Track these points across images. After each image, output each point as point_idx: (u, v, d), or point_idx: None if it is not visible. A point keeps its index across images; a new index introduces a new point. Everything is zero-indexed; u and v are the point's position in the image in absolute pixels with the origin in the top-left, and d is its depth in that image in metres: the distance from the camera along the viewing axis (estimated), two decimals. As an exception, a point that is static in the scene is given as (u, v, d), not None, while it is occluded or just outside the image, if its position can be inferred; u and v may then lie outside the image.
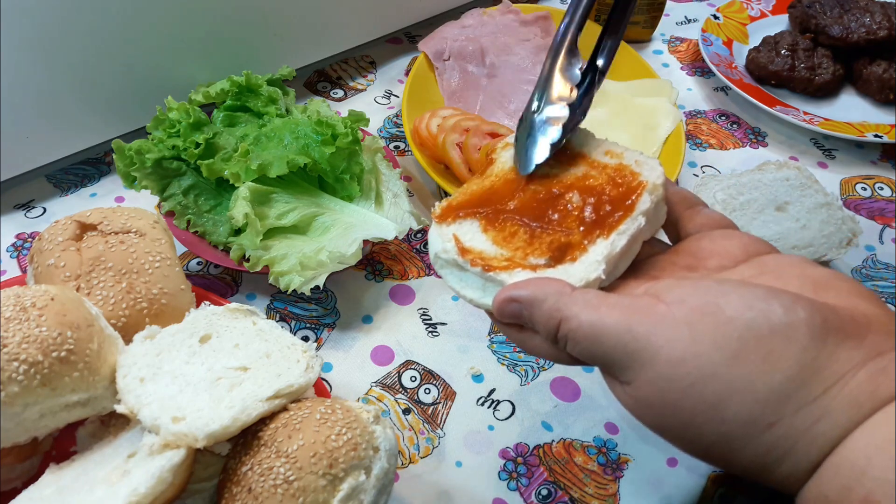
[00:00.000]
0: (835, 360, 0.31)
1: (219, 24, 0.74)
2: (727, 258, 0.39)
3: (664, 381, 0.32)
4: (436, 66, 0.87)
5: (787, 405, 0.31)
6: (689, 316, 0.33)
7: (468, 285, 0.41)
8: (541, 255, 0.39)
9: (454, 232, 0.41)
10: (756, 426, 0.31)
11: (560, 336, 0.36)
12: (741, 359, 0.31)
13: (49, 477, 0.43)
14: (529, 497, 0.55)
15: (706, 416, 0.32)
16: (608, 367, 0.35)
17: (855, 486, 0.30)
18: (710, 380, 0.31)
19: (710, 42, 0.95)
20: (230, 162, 0.64)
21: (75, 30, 0.65)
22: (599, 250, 0.38)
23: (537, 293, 0.36)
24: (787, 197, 0.71)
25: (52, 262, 0.50)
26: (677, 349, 0.32)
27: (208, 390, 0.44)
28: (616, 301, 0.35)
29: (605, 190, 0.41)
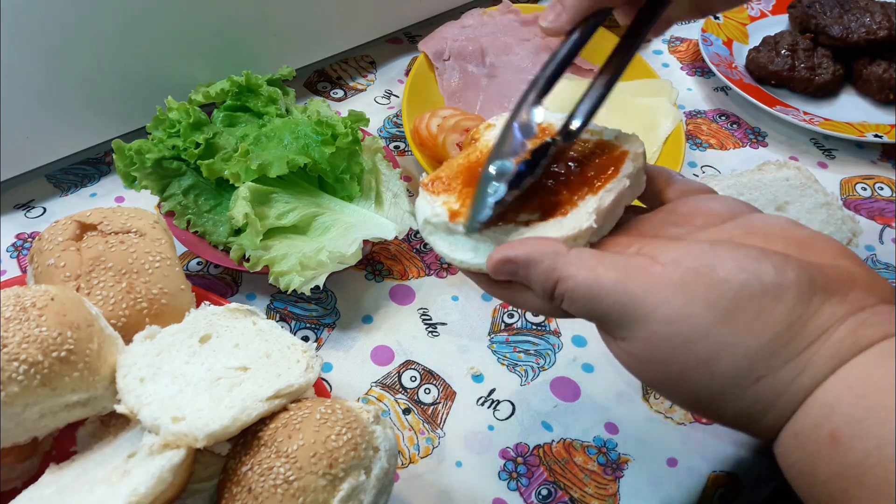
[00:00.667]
0: (819, 316, 0.33)
1: (219, 24, 0.74)
2: (713, 217, 0.40)
3: (658, 339, 0.34)
4: (436, 66, 0.87)
5: (774, 360, 0.32)
6: (683, 277, 0.34)
7: (459, 248, 0.41)
8: (532, 213, 0.40)
9: (443, 199, 0.42)
10: (744, 380, 0.33)
11: (557, 295, 0.37)
12: (732, 318, 0.33)
13: (49, 477, 0.43)
14: (529, 497, 0.55)
15: (697, 371, 0.33)
16: (604, 324, 0.36)
17: (823, 423, 0.32)
18: (702, 338, 0.33)
19: (710, 42, 0.95)
20: (230, 162, 0.64)
21: (75, 30, 0.65)
22: (589, 204, 0.40)
23: (533, 253, 0.37)
24: (787, 197, 0.71)
25: (52, 262, 0.50)
26: (672, 309, 0.33)
27: (208, 390, 0.44)
28: (612, 261, 0.36)
29: (589, 159, 0.42)
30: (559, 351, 0.64)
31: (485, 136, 0.46)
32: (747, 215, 0.39)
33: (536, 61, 0.90)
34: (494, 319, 0.66)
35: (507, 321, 0.66)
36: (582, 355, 0.64)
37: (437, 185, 0.43)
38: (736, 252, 0.34)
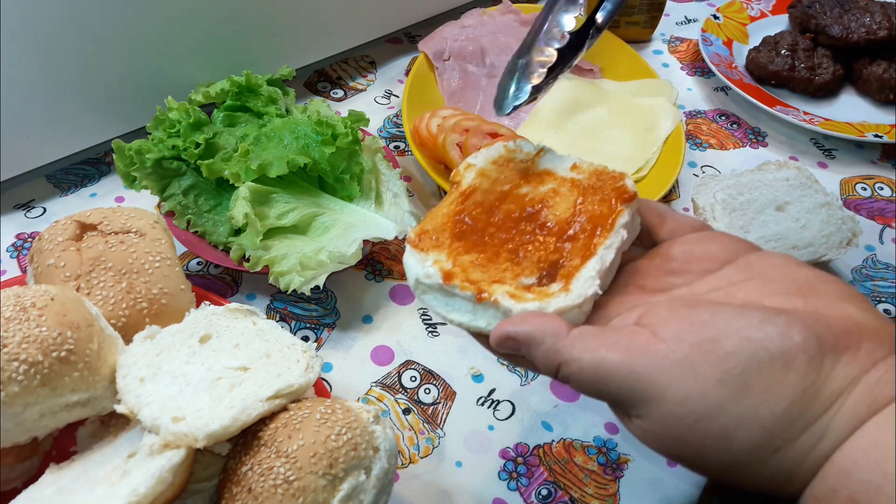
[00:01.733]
0: (833, 380, 0.32)
1: (219, 24, 0.74)
2: (710, 261, 0.39)
3: (672, 420, 0.33)
4: (436, 66, 0.87)
5: (792, 430, 0.32)
6: (689, 355, 0.33)
7: (455, 309, 0.40)
8: (531, 275, 0.39)
9: (434, 257, 0.41)
10: (763, 453, 0.32)
11: (561, 377, 0.36)
12: (744, 392, 0.32)
13: (49, 477, 0.43)
14: (529, 497, 0.55)
15: (714, 448, 0.33)
16: (615, 404, 0.36)
17: (840, 489, 0.31)
18: (716, 415, 0.32)
19: (710, 42, 0.95)
20: (230, 162, 0.64)
21: (75, 30, 0.65)
22: (591, 266, 0.39)
23: (534, 333, 0.36)
24: (787, 197, 0.71)
25: (52, 262, 0.50)
26: (682, 389, 0.33)
27: (208, 390, 0.44)
28: (614, 340, 0.35)
29: (583, 206, 0.41)
30: (559, 351, 0.64)
31: (466, 178, 0.44)
32: (745, 256, 0.39)
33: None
34: (494, 319, 0.66)
35: (507, 321, 0.66)
36: (582, 355, 0.64)
37: (425, 241, 0.41)
38: (739, 321, 0.34)
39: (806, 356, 0.32)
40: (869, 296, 0.71)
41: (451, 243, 0.41)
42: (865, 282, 0.72)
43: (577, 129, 0.83)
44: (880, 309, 0.70)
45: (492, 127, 0.74)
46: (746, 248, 0.39)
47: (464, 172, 0.45)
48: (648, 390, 0.33)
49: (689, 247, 0.40)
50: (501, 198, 0.43)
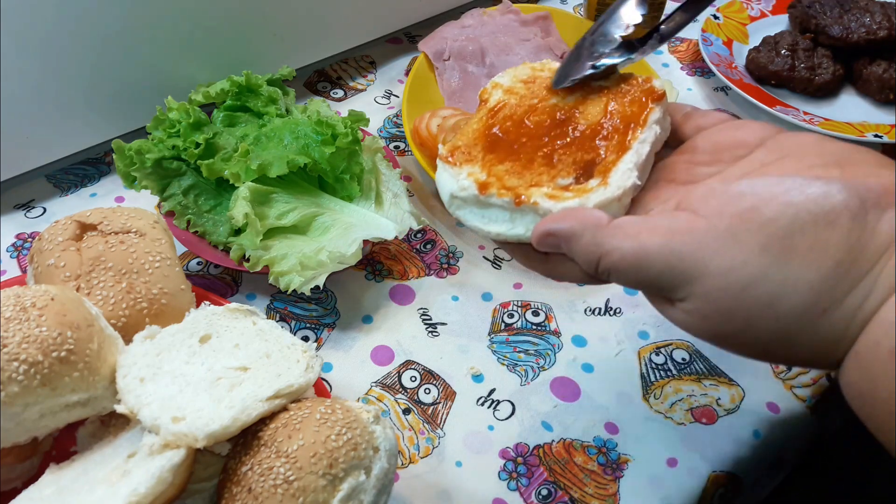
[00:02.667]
0: (877, 235, 0.32)
1: (219, 24, 0.74)
2: (740, 147, 0.39)
3: (717, 292, 0.33)
4: (436, 66, 0.87)
5: (839, 289, 0.32)
6: (730, 225, 0.33)
7: (493, 220, 0.40)
8: (567, 175, 0.39)
9: (468, 170, 0.40)
10: (811, 315, 0.32)
11: (602, 269, 0.36)
12: (789, 255, 0.32)
13: (49, 477, 0.43)
14: (529, 497, 0.55)
15: (761, 315, 0.32)
16: (657, 290, 0.36)
17: (883, 340, 0.31)
18: (761, 281, 0.32)
19: (710, 42, 0.95)
20: (230, 162, 0.64)
21: (75, 30, 0.65)
22: (628, 159, 0.38)
23: (575, 226, 0.36)
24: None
25: (52, 262, 0.50)
26: (725, 259, 0.33)
27: (208, 390, 0.44)
28: (654, 224, 0.35)
29: (613, 107, 0.41)
30: (559, 351, 0.64)
31: (494, 96, 0.45)
32: (775, 137, 0.38)
33: (536, 61, 0.90)
34: (494, 319, 0.66)
35: (507, 321, 0.66)
36: (582, 355, 0.64)
37: (457, 156, 0.41)
38: (777, 186, 0.33)
39: (849, 213, 0.32)
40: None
41: (483, 156, 0.41)
42: (865, 282, 0.72)
43: (577, 129, 0.83)
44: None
45: (492, 127, 0.74)
46: (775, 131, 0.39)
47: (491, 90, 0.45)
48: (692, 267, 0.33)
49: (717, 136, 0.40)
50: (530, 110, 0.43)
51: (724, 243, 0.33)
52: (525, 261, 0.41)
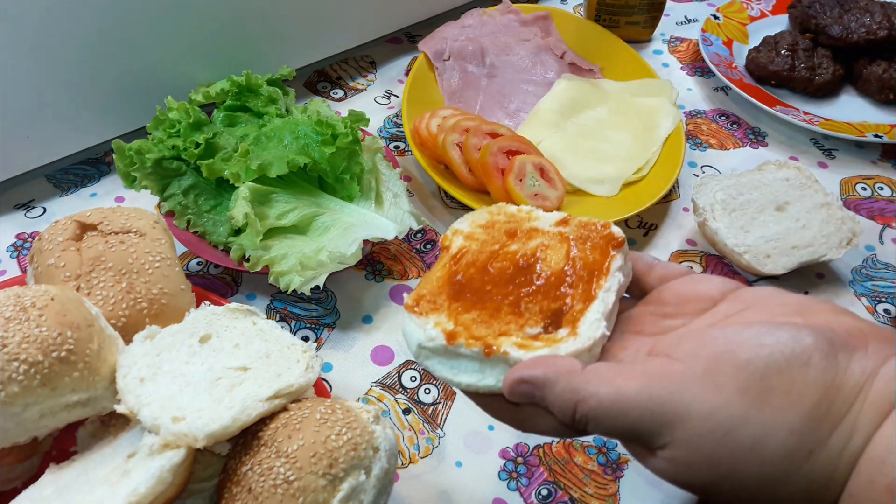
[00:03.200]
0: (851, 374, 0.32)
1: (219, 24, 0.74)
2: (703, 301, 0.39)
3: (698, 437, 0.32)
4: (436, 66, 0.87)
5: (820, 430, 0.32)
6: (707, 368, 0.33)
7: (462, 371, 0.39)
8: (535, 324, 0.39)
9: (434, 320, 0.40)
10: (796, 458, 0.32)
11: (579, 417, 0.35)
12: (767, 397, 0.32)
13: (49, 477, 0.43)
14: (529, 497, 0.55)
15: (745, 460, 0.32)
16: (636, 438, 0.35)
17: (877, 478, 0.31)
18: (742, 424, 0.32)
19: (710, 42, 0.95)
20: (230, 162, 0.64)
21: (75, 30, 0.65)
22: (595, 308, 0.38)
23: (549, 373, 0.36)
24: (787, 197, 0.71)
25: (52, 262, 0.50)
26: (705, 403, 0.32)
27: (208, 390, 0.44)
28: (630, 370, 0.35)
29: (575, 254, 0.41)
30: (559, 351, 0.64)
31: (455, 242, 0.44)
32: (736, 291, 0.39)
33: (536, 61, 0.90)
34: (494, 319, 0.66)
35: (507, 321, 0.66)
36: (582, 355, 0.64)
37: (423, 306, 0.41)
38: (748, 331, 0.34)
39: (820, 354, 0.32)
40: (869, 296, 0.71)
41: (449, 304, 0.41)
42: (865, 282, 0.72)
43: (577, 129, 0.83)
44: (880, 309, 0.70)
45: (491, 127, 0.74)
46: (736, 285, 0.39)
47: (452, 237, 0.45)
48: (671, 412, 0.33)
49: (681, 289, 0.40)
50: (492, 257, 0.42)
51: (703, 387, 0.33)
52: (495, 413, 0.40)
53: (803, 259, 0.67)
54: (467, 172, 0.73)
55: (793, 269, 0.67)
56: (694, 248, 0.75)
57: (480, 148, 0.72)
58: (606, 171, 0.78)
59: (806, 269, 0.70)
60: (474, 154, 0.72)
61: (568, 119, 0.84)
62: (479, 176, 0.72)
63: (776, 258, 0.67)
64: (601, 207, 0.74)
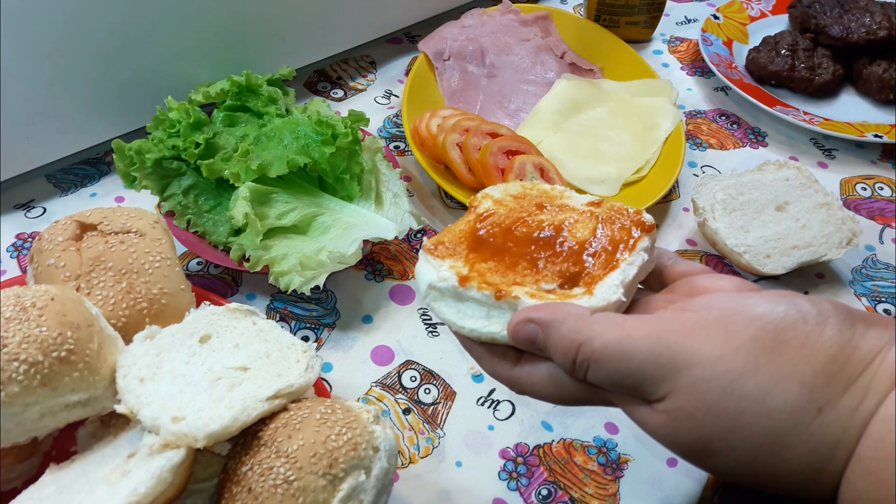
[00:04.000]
0: (868, 339, 0.31)
1: (219, 24, 0.74)
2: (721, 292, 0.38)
3: (704, 383, 0.31)
4: (436, 66, 0.87)
5: (833, 386, 0.30)
6: (719, 317, 0.32)
7: (468, 315, 0.39)
8: (551, 282, 0.38)
9: (450, 263, 0.40)
10: (805, 413, 0.30)
11: (580, 360, 0.34)
12: (780, 347, 0.31)
13: (49, 477, 0.43)
14: (529, 497, 0.55)
15: (751, 411, 0.30)
16: (636, 388, 0.33)
17: (888, 436, 0.29)
18: (751, 372, 0.31)
19: (710, 42, 0.95)
20: (230, 162, 0.64)
21: (75, 30, 0.65)
22: (615, 275, 0.38)
23: (556, 314, 0.35)
24: (787, 197, 0.71)
25: (52, 262, 0.50)
26: (714, 348, 0.31)
27: (208, 390, 0.44)
28: (639, 317, 0.34)
29: (603, 231, 0.41)
30: (559, 351, 0.64)
31: (483, 204, 0.44)
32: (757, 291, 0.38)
33: (536, 61, 0.90)
34: (494, 319, 0.66)
35: (507, 321, 0.66)
36: (582, 355, 0.64)
37: (441, 250, 0.41)
38: (766, 293, 0.33)
39: (838, 317, 0.32)
40: (869, 296, 0.71)
41: (467, 253, 0.41)
42: (865, 282, 0.72)
43: (577, 129, 0.83)
44: (880, 309, 0.70)
45: (492, 127, 0.74)
46: (756, 288, 0.38)
47: (480, 199, 0.45)
48: (678, 355, 0.31)
49: (700, 283, 0.39)
50: (518, 221, 0.42)
51: (714, 332, 0.32)
52: (491, 365, 0.39)
53: (803, 259, 0.67)
54: (467, 172, 0.73)
55: (793, 269, 0.67)
56: (694, 248, 0.75)
57: (480, 148, 0.72)
58: (606, 171, 0.78)
59: (806, 269, 0.70)
60: (474, 154, 0.72)
61: (568, 119, 0.84)
62: (479, 176, 0.72)
63: (776, 258, 0.67)
64: (601, 207, 0.74)
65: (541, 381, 0.37)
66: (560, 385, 0.36)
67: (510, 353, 0.39)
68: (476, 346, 0.40)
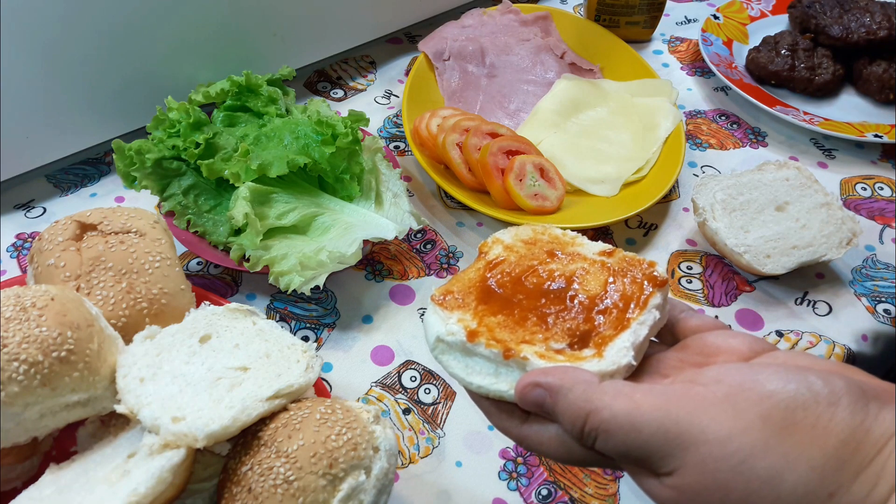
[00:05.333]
0: (881, 422, 0.31)
1: (219, 24, 0.74)
2: (734, 354, 0.38)
3: (713, 462, 0.31)
4: (436, 66, 0.87)
5: (845, 471, 0.30)
6: (729, 394, 0.32)
7: (476, 371, 0.39)
8: (561, 341, 0.38)
9: (458, 316, 0.40)
10: (816, 498, 0.30)
11: (588, 430, 0.34)
12: (790, 430, 0.30)
13: (49, 477, 0.43)
14: (529, 497, 0.55)
15: (761, 493, 0.30)
16: (644, 460, 0.33)
17: None
18: (761, 454, 0.30)
19: (710, 42, 0.95)
20: (230, 162, 0.64)
21: (75, 30, 0.65)
22: (625, 337, 0.37)
23: (564, 380, 0.35)
24: (787, 197, 0.71)
25: (52, 262, 0.50)
26: (724, 427, 0.31)
27: (208, 390, 0.44)
28: (649, 388, 0.34)
29: (614, 284, 0.40)
30: (559, 351, 0.64)
31: (494, 250, 0.44)
32: (770, 353, 0.37)
33: (536, 61, 0.90)
34: (494, 319, 0.66)
35: (507, 321, 0.66)
36: (582, 355, 0.64)
37: (449, 301, 0.40)
38: (777, 368, 0.33)
39: (850, 398, 0.31)
40: (869, 296, 0.71)
41: (476, 305, 0.40)
42: (865, 282, 0.72)
43: (577, 129, 0.83)
44: (880, 309, 0.70)
45: (491, 127, 0.74)
46: (770, 346, 0.38)
47: (491, 245, 0.44)
48: (687, 432, 0.31)
49: (713, 341, 0.39)
50: (529, 270, 0.42)
51: (723, 410, 0.31)
52: (499, 421, 0.39)
53: (803, 259, 0.67)
54: (467, 172, 0.73)
55: (793, 269, 0.67)
56: (694, 248, 0.75)
57: (480, 148, 0.72)
58: (606, 171, 0.78)
59: (806, 269, 0.70)
60: (474, 154, 0.72)
61: (568, 119, 0.84)
62: (479, 176, 0.72)
63: (776, 258, 0.67)
64: (601, 207, 0.74)
65: (549, 442, 0.37)
66: (568, 448, 0.36)
67: (518, 411, 0.39)
68: (484, 401, 0.40)
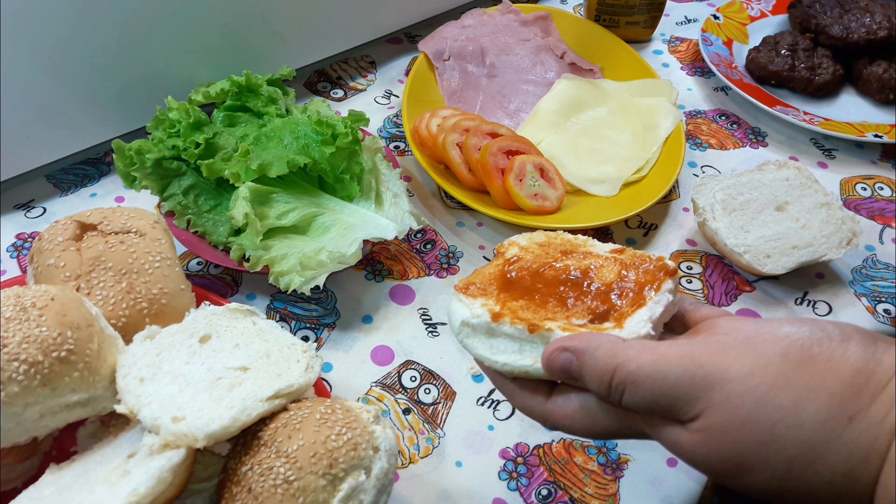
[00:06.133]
0: (890, 355, 0.33)
1: (219, 24, 0.74)
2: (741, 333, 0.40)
3: (737, 397, 0.33)
4: (436, 66, 0.87)
5: (861, 397, 0.32)
6: (747, 337, 0.34)
7: (500, 350, 0.40)
8: (581, 317, 0.40)
9: (481, 301, 0.42)
10: (836, 422, 0.32)
11: (616, 383, 0.35)
12: (808, 363, 0.33)
13: (49, 477, 0.43)
14: (529, 497, 0.55)
15: (785, 422, 0.32)
16: (670, 408, 0.35)
17: None
18: (782, 386, 0.32)
19: (710, 42, 0.95)
20: (230, 162, 0.64)
21: (76, 30, 0.65)
22: (643, 312, 0.39)
23: (591, 342, 0.36)
24: (787, 197, 0.71)
25: (52, 262, 0.50)
26: (745, 365, 0.33)
27: (208, 390, 0.44)
28: (671, 342, 0.36)
29: (628, 274, 0.42)
30: (559, 351, 0.64)
31: (511, 250, 0.46)
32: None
33: (536, 61, 0.90)
34: (494, 319, 0.66)
35: (507, 321, 0.66)
36: (582, 355, 0.64)
37: (472, 290, 0.43)
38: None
39: (860, 336, 0.33)
40: (869, 295, 0.71)
41: (498, 293, 0.42)
42: (865, 282, 0.72)
43: (577, 129, 0.83)
44: (880, 309, 0.70)
45: (491, 127, 0.74)
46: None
47: (508, 246, 0.47)
48: (711, 374, 0.33)
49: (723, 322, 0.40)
50: (546, 265, 0.44)
51: (744, 351, 0.34)
52: (522, 400, 0.41)
53: (803, 259, 0.67)
54: (467, 172, 0.73)
55: (793, 269, 0.67)
56: (694, 248, 0.75)
57: (480, 148, 0.72)
58: (606, 171, 0.78)
59: (806, 269, 0.70)
60: (474, 154, 0.72)
61: (568, 119, 0.84)
62: (479, 176, 0.72)
63: (776, 258, 0.67)
64: (601, 207, 0.74)
65: (573, 414, 0.38)
66: (593, 416, 0.38)
67: (542, 388, 0.41)
68: (507, 382, 0.42)
